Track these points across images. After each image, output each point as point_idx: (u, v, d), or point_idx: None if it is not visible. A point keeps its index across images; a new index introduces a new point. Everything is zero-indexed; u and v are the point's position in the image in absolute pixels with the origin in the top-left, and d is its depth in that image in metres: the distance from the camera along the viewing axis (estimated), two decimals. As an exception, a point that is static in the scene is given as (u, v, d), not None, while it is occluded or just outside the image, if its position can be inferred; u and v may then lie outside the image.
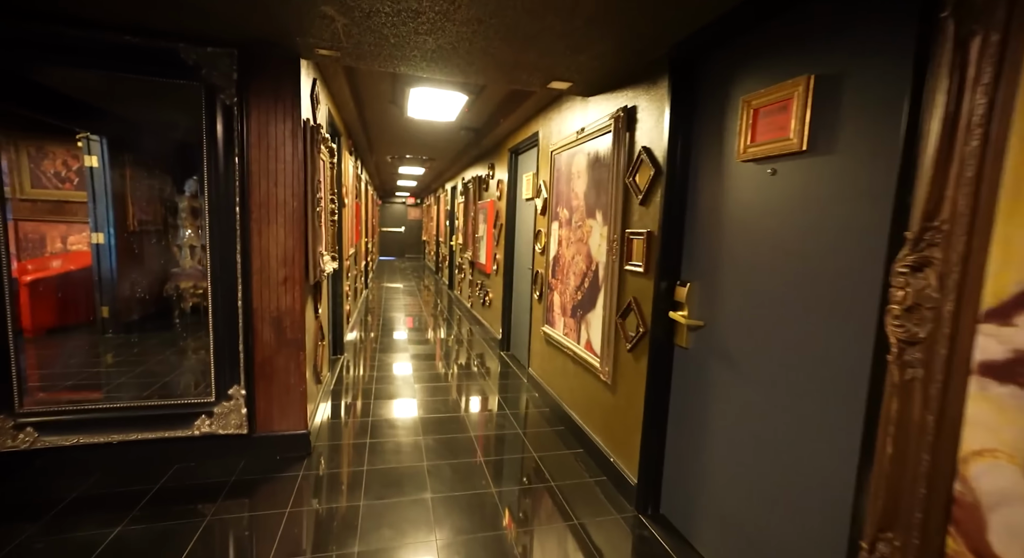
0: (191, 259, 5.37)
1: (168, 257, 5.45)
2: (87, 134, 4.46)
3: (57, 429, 2.24)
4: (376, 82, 3.59)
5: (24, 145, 4.99)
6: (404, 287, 9.98)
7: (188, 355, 4.20)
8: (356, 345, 5.13)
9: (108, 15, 2.01)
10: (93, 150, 4.55)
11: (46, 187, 5.14)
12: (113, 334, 4.63)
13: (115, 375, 3.64)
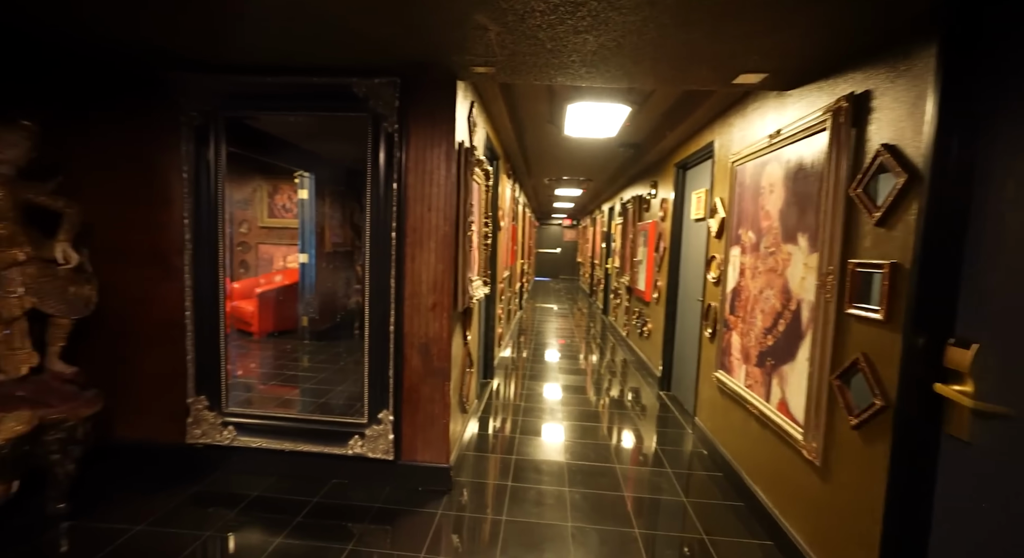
0: (370, 277, 5.90)
1: (351, 275, 6.20)
2: (302, 172, 5.35)
3: (249, 431, 2.51)
4: (533, 102, 3.48)
5: (264, 184, 6.24)
6: (557, 309, 9.87)
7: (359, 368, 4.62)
8: (507, 368, 5.07)
9: (297, 59, 2.22)
10: (305, 185, 5.43)
11: (276, 217, 6.33)
12: (309, 341, 5.39)
13: (303, 379, 4.13)
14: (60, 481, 2.10)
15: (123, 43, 2.15)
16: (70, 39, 2.14)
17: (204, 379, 2.50)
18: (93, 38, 2.11)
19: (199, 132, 2.39)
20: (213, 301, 2.47)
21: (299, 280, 5.40)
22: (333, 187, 5.62)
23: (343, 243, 6.19)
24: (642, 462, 2.99)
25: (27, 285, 2.06)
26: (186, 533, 2.06)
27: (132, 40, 2.11)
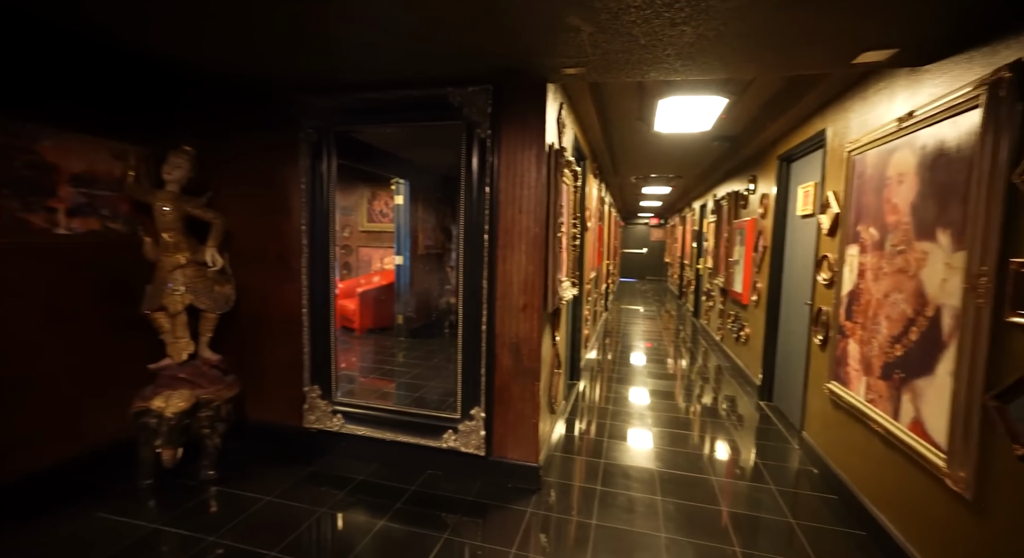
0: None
1: (443, 276, 6.50)
2: (398, 179, 5.73)
3: (355, 420, 2.74)
4: (622, 99, 3.41)
5: (364, 191, 6.77)
6: (644, 311, 9.54)
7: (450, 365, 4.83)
8: (592, 370, 5.01)
9: (398, 75, 2.39)
10: (400, 191, 5.80)
11: (374, 221, 6.83)
12: (404, 338, 5.74)
13: (399, 374, 4.41)
14: (210, 452, 2.45)
15: (255, 76, 2.47)
16: (214, 74, 2.51)
17: (317, 370, 2.78)
18: (232, 72, 2.44)
19: (314, 147, 2.65)
20: (325, 300, 2.73)
21: (395, 280, 5.79)
22: (426, 192, 5.94)
23: (435, 245, 6.52)
24: (740, 475, 2.80)
25: (186, 284, 2.43)
26: (306, 507, 2.30)
27: (262, 72, 2.42)
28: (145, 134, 2.63)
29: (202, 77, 2.62)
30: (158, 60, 2.43)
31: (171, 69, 2.56)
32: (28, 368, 2.22)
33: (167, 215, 2.38)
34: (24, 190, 2.16)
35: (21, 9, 1.94)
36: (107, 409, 2.54)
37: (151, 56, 2.38)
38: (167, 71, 2.58)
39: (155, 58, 2.40)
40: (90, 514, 2.16)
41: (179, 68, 2.54)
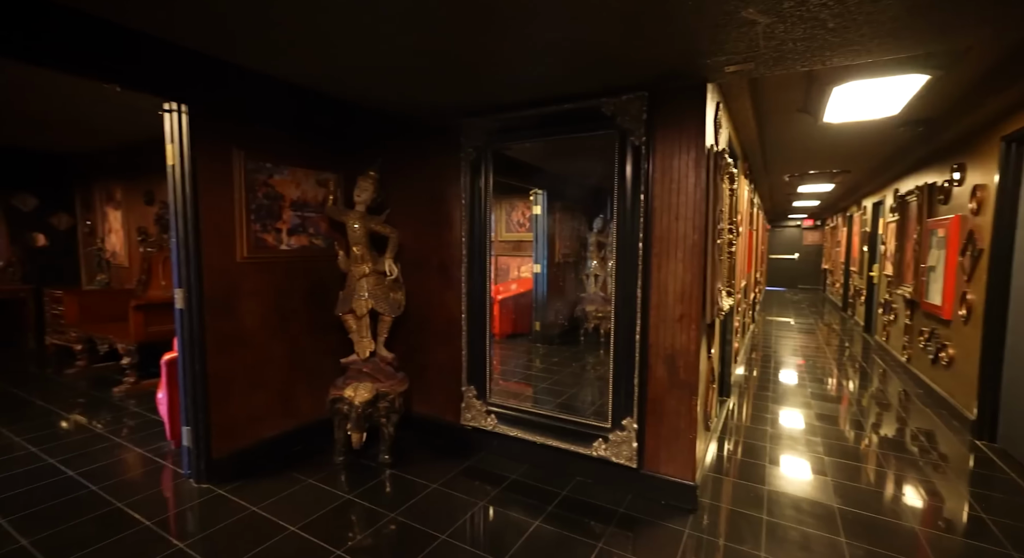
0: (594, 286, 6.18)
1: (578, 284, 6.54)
2: (536, 190, 5.94)
3: (507, 421, 2.89)
4: (782, 91, 3.10)
5: (503, 203, 7.15)
6: (797, 324, 8.47)
7: (587, 372, 4.82)
8: (741, 387, 4.59)
9: (551, 91, 2.49)
10: (538, 201, 6.01)
11: (512, 231, 7.17)
12: (540, 345, 5.90)
13: (539, 379, 4.53)
14: (386, 439, 2.79)
15: (426, 110, 2.78)
16: (392, 110, 2.89)
17: (473, 372, 2.99)
18: (407, 108, 2.79)
19: (473, 165, 2.89)
20: (482, 306, 2.94)
21: (532, 288, 5.99)
22: (562, 202, 6.07)
23: (570, 254, 6.62)
24: (952, 529, 2.31)
25: (369, 291, 2.82)
26: (466, 499, 2.48)
27: (432, 107, 2.72)
28: (339, 163, 3.13)
29: (381, 112, 3.04)
30: (347, 101, 2.87)
31: (357, 108, 3.02)
32: (262, 355, 2.77)
33: (357, 231, 2.79)
34: (263, 215, 2.72)
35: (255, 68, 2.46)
36: (311, 394, 3.05)
37: (343, 99, 2.84)
38: (354, 109, 3.03)
39: (345, 100, 2.85)
40: (303, 480, 2.60)
41: (364, 107, 2.98)
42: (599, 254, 6.35)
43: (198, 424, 2.50)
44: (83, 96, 3.50)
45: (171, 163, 2.44)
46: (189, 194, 2.41)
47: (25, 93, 3.41)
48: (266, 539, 2.09)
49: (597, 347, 5.23)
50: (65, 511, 2.29)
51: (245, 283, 2.67)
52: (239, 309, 2.64)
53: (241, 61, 2.34)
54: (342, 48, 2.09)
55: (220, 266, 2.54)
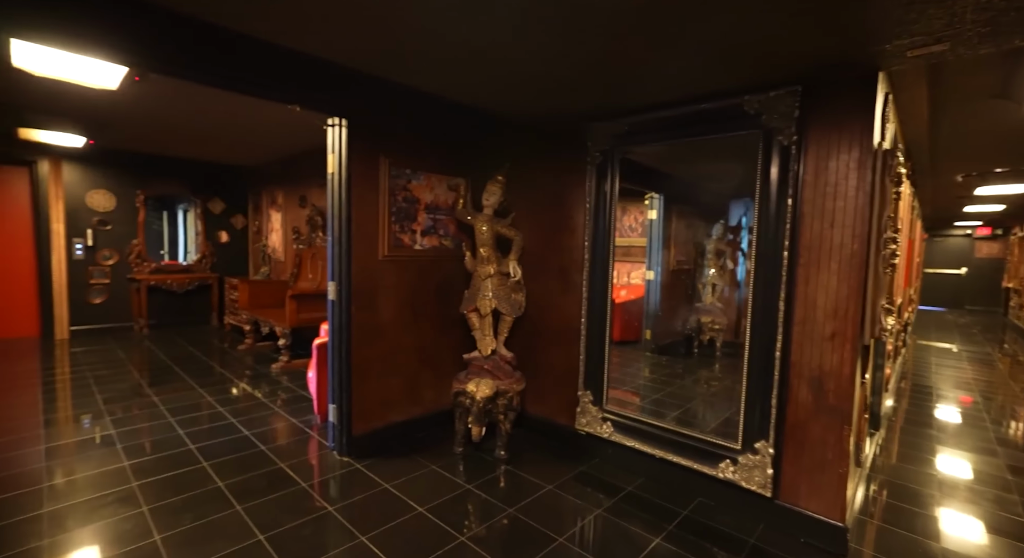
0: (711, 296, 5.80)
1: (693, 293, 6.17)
2: (652, 193, 5.74)
3: (623, 430, 2.82)
4: (971, 75, 2.62)
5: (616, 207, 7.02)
6: (965, 352, 7.10)
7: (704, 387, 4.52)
8: (890, 420, 3.97)
9: (687, 91, 2.38)
10: (654, 205, 5.80)
11: (624, 236, 7.00)
12: (651, 354, 5.67)
13: (651, 389, 4.36)
14: (502, 435, 2.88)
15: (554, 116, 2.84)
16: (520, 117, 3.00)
17: (590, 377, 2.97)
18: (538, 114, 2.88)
19: (599, 169, 2.87)
20: (602, 312, 2.91)
21: (644, 295, 5.80)
22: (680, 206, 5.79)
23: (686, 261, 6.29)
24: None
25: (493, 291, 2.94)
26: (579, 504, 2.47)
27: (560, 113, 2.77)
28: (467, 168, 3.31)
29: (509, 119, 3.17)
30: (478, 109, 3.03)
31: (486, 115, 3.17)
32: (395, 346, 3.03)
33: (484, 233, 2.93)
34: (401, 217, 2.98)
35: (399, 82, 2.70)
36: (435, 385, 3.27)
37: (475, 107, 3.00)
38: (483, 117, 3.19)
39: (476, 108, 3.01)
40: (427, 465, 2.79)
41: (493, 115, 3.13)
42: (718, 262, 5.94)
43: (342, 404, 2.81)
44: (257, 120, 4.15)
45: (331, 171, 2.78)
46: (345, 198, 2.72)
47: (220, 120, 4.14)
48: (398, 515, 2.28)
49: (712, 361, 4.90)
50: (245, 463, 2.72)
51: (384, 279, 2.94)
52: (378, 303, 2.93)
53: (396, 78, 2.60)
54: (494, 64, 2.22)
55: (365, 263, 2.84)
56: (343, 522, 2.21)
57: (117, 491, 2.39)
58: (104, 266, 5.87)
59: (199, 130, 4.69)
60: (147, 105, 3.84)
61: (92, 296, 5.82)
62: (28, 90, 3.51)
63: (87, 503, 2.28)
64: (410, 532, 2.16)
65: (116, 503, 2.29)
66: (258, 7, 1.88)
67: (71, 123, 4.34)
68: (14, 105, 3.85)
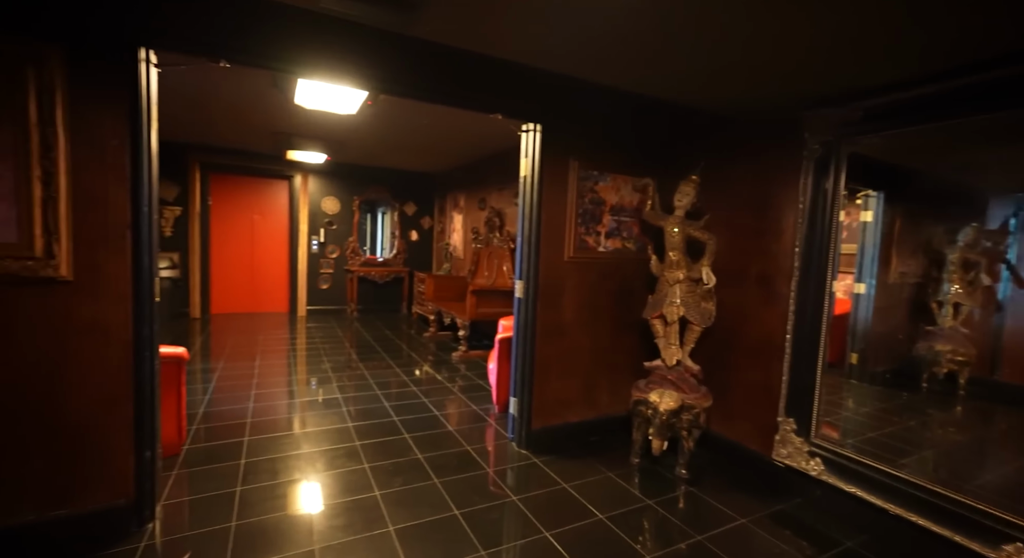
0: (952, 318, 4.59)
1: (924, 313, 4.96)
2: (868, 191, 4.78)
3: (839, 471, 2.38)
4: None
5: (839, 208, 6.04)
6: None
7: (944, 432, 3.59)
8: None
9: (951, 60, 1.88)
10: (870, 206, 4.82)
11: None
12: (857, 382, 4.73)
13: (864, 426, 3.62)
14: (684, 453, 2.68)
15: (763, 103, 2.53)
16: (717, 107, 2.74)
17: (795, 402, 2.58)
18: (737, 105, 2.60)
19: (819, 163, 2.47)
20: (815, 329, 2.50)
21: (851, 312, 4.86)
22: (906, 206, 4.71)
23: (912, 273, 5.09)
24: None
25: (681, 297, 2.75)
26: (782, 548, 2.14)
27: (771, 97, 2.45)
28: (655, 168, 3.16)
29: (701, 113, 2.93)
30: (669, 107, 2.86)
31: (677, 111, 2.98)
32: (574, 346, 3.05)
33: (675, 236, 2.76)
34: (587, 219, 2.99)
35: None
36: (609, 389, 3.21)
37: (667, 104, 2.84)
38: (673, 113, 3.01)
39: (668, 105, 2.85)
40: (603, 471, 2.74)
41: (686, 110, 2.92)
42: (965, 276, 4.68)
43: (524, 398, 2.93)
44: (451, 130, 4.59)
45: (523, 174, 2.91)
46: (536, 200, 2.82)
47: (421, 132, 4.70)
48: (579, 518, 2.28)
49: (951, 400, 3.88)
50: (437, 440, 3.03)
51: (568, 280, 2.98)
52: (561, 303, 2.97)
53: (591, 77, 2.62)
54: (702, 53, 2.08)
55: (552, 263, 2.90)
56: (526, 513, 2.29)
57: (346, 446, 2.87)
58: (329, 259, 7.19)
59: (403, 143, 5.41)
60: (369, 125, 4.55)
61: (321, 283, 7.19)
62: (297, 121, 4.47)
63: (325, 452, 2.78)
64: (593, 538, 2.13)
65: (345, 456, 2.74)
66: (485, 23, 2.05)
67: (319, 144, 5.40)
68: (287, 133, 4.94)
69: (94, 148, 1.83)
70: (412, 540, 2.03)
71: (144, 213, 1.95)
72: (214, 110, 4.24)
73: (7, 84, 1.63)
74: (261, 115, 4.33)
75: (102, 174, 1.86)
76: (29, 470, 1.82)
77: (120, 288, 1.92)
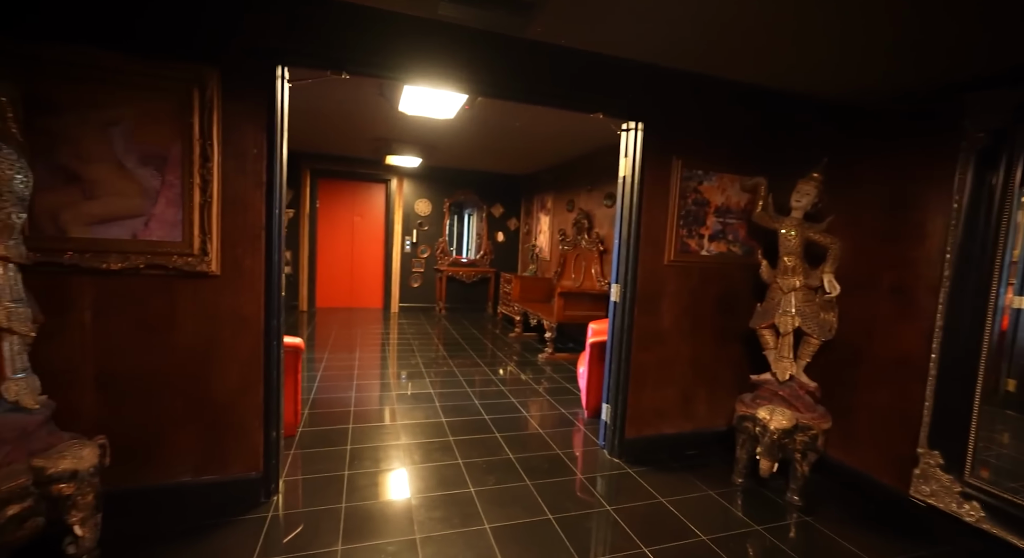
0: None
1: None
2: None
3: (1007, 522, 2.01)
4: None
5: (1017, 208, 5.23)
6: None
7: None
8: None
9: None
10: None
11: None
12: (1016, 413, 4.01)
13: None
14: (797, 478, 2.43)
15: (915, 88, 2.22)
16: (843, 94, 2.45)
17: (941, 433, 2.23)
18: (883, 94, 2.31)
19: (983, 155, 2.11)
20: (971, 349, 2.15)
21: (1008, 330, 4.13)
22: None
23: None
24: None
25: (797, 307, 2.50)
26: (928, 600, 1.86)
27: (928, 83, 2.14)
28: (767, 166, 2.90)
29: (829, 104, 2.65)
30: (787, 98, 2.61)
31: (797, 103, 2.72)
32: (672, 355, 2.90)
33: (791, 240, 2.52)
34: (690, 221, 2.82)
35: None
36: (708, 401, 3.01)
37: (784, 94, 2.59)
38: (791, 105, 2.74)
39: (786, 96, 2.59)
40: (703, 489, 2.57)
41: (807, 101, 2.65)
42: None
43: (617, 405, 2.83)
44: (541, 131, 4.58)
45: (623, 175, 2.81)
46: (636, 202, 2.72)
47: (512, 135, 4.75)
48: (679, 536, 2.15)
49: None
50: (527, 442, 3.03)
51: (667, 285, 2.84)
52: (659, 308, 2.84)
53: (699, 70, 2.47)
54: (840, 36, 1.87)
55: (650, 267, 2.78)
56: (623, 526, 2.21)
57: (440, 441, 2.97)
58: (421, 258, 7.54)
59: (493, 146, 5.51)
60: (462, 128, 4.69)
61: (412, 281, 7.56)
62: (397, 127, 4.73)
63: (422, 445, 2.90)
64: (696, 560, 2.00)
65: (440, 451, 2.84)
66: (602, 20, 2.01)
67: (414, 148, 5.68)
68: (387, 139, 5.26)
69: (238, 157, 2.06)
70: (507, 540, 2.04)
71: (275, 215, 2.16)
72: (325, 120, 4.62)
73: (179, 105, 1.89)
74: (366, 122, 4.63)
75: (244, 180, 2.08)
76: (182, 437, 2.09)
77: (255, 283, 2.14)
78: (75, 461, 1.60)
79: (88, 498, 1.64)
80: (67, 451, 1.62)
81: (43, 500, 1.56)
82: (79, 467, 1.60)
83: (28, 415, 1.62)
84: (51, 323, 1.81)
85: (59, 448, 1.63)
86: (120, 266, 1.90)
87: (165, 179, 1.93)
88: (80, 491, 1.61)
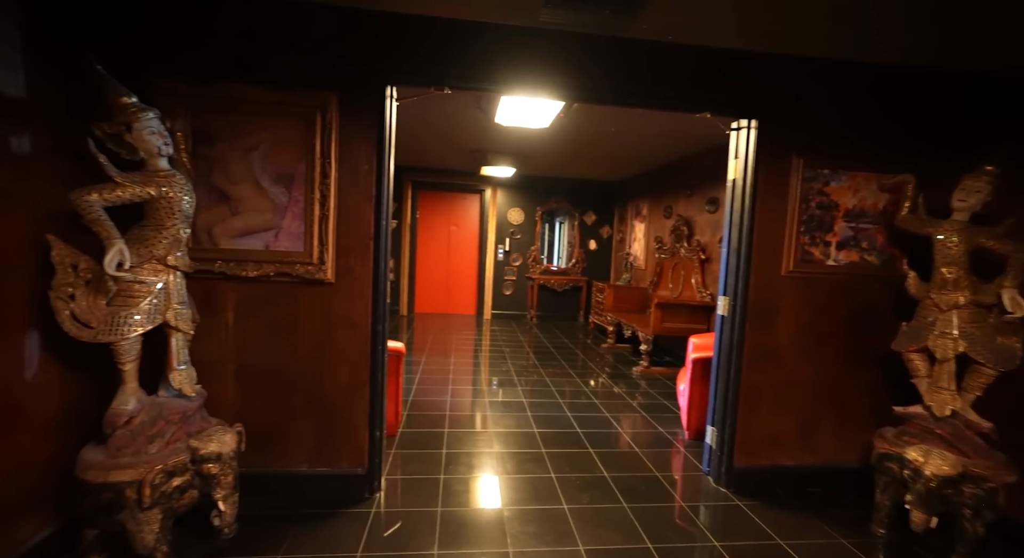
0: None
1: None
2: None
3: None
4: None
5: None
6: None
7: None
8: None
9: None
10: None
11: None
12: None
13: None
14: (966, 539, 2.00)
15: None
16: None
17: None
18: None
19: None
20: None
21: None
22: None
23: None
24: None
25: (961, 328, 2.09)
26: None
27: None
28: (913, 161, 2.48)
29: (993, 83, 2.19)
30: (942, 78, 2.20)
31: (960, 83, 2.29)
32: (790, 377, 2.58)
33: (953, 248, 2.11)
34: (813, 226, 2.51)
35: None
36: (836, 433, 2.63)
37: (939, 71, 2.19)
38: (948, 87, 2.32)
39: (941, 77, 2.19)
40: (832, 535, 2.23)
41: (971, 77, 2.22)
42: None
43: (725, 429, 2.58)
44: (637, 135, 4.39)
45: (732, 178, 2.58)
46: (747, 206, 2.47)
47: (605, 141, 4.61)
48: (804, 587, 1.88)
49: None
50: (622, 461, 2.88)
51: (785, 298, 2.54)
52: (775, 324, 2.54)
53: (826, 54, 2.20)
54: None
55: (765, 278, 2.51)
56: (734, 566, 1.99)
57: (532, 452, 2.93)
58: (513, 266, 7.64)
59: (587, 152, 5.41)
60: (556, 137, 4.66)
61: (505, 289, 7.68)
62: (492, 138, 4.85)
63: (515, 455, 2.88)
64: (825, 619, 1.73)
65: (532, 462, 2.79)
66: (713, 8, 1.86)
67: (509, 158, 5.78)
68: (482, 150, 5.42)
69: (352, 173, 2.22)
70: (603, 566, 1.93)
71: (383, 226, 2.29)
72: (426, 134, 4.87)
73: (305, 128, 2.09)
74: (463, 135, 4.80)
75: (356, 194, 2.23)
76: (300, 430, 2.28)
77: (364, 289, 2.28)
78: (220, 445, 1.81)
79: (229, 478, 1.84)
80: (214, 435, 1.84)
81: (196, 476, 1.79)
82: (223, 450, 1.81)
83: (188, 401, 1.88)
84: (204, 323, 2.08)
85: (208, 432, 1.86)
86: (255, 274, 2.13)
87: (292, 195, 2.13)
88: (223, 471, 1.81)
